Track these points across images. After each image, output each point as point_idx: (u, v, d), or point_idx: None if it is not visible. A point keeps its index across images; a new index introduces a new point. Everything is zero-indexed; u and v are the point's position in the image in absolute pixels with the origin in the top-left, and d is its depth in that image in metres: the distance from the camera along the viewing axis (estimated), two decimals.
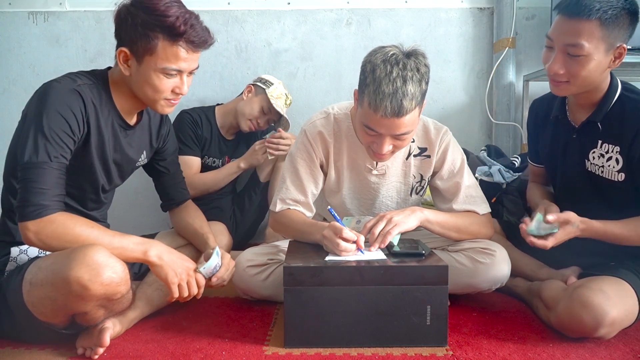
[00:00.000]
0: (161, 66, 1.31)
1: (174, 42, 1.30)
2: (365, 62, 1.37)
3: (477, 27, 2.62)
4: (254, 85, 2.32)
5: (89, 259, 1.15)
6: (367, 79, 1.34)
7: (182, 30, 1.28)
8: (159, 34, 1.28)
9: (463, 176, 1.61)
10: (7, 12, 2.59)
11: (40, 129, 1.23)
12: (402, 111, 1.31)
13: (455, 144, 1.63)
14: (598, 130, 1.47)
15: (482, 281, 1.55)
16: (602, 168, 1.48)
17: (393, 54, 1.33)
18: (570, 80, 1.38)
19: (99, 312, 1.27)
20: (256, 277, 1.60)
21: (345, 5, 2.61)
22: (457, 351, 1.31)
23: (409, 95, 1.30)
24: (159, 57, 1.30)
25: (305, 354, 1.29)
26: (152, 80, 1.32)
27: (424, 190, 1.70)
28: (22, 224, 1.19)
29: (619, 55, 1.37)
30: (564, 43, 1.35)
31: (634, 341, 1.37)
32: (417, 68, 1.33)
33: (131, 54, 1.32)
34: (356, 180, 1.65)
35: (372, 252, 1.40)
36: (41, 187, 1.20)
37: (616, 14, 1.30)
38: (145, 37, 1.28)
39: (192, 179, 2.20)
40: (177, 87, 1.36)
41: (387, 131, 1.37)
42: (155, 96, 1.36)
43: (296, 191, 1.60)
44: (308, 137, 1.60)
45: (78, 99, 1.29)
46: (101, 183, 1.46)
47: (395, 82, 1.30)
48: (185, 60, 1.33)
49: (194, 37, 1.31)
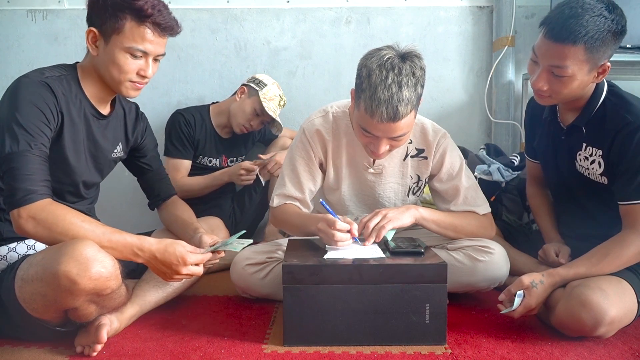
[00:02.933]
0: (127, 45, 1.35)
1: (141, 22, 1.35)
2: (361, 65, 1.38)
3: (477, 25, 2.62)
4: (247, 87, 2.30)
5: (78, 253, 1.15)
6: (363, 84, 1.35)
7: (150, 12, 1.34)
8: (127, 14, 1.33)
9: (462, 178, 1.61)
10: (6, 10, 2.59)
11: (16, 121, 1.24)
12: (397, 116, 1.33)
13: (453, 146, 1.64)
14: (583, 134, 1.48)
15: (481, 279, 1.55)
16: (588, 170, 1.49)
17: (388, 58, 1.34)
18: (552, 95, 1.41)
19: (90, 308, 1.26)
20: (255, 275, 1.60)
21: (345, 3, 2.61)
22: (455, 350, 1.31)
23: (405, 101, 1.31)
24: (126, 36, 1.34)
25: (304, 353, 1.29)
26: (118, 59, 1.36)
27: (421, 191, 1.70)
28: (13, 211, 1.19)
29: (603, 72, 1.37)
30: (549, 64, 1.36)
31: (632, 340, 1.37)
32: (412, 72, 1.33)
33: (100, 34, 1.36)
34: (354, 177, 1.66)
35: (369, 248, 1.41)
36: (27, 174, 1.21)
37: (602, 38, 1.29)
38: (114, 17, 1.33)
39: (176, 183, 2.20)
40: (142, 69, 1.39)
41: (383, 134, 1.38)
42: (120, 77, 1.38)
43: (293, 188, 1.62)
44: (306, 136, 1.61)
45: (48, 90, 1.32)
46: (77, 175, 1.45)
47: (391, 88, 1.31)
48: (151, 43, 1.37)
49: (160, 20, 1.36)
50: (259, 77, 2.32)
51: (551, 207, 1.75)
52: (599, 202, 1.52)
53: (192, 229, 1.59)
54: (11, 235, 1.37)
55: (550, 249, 1.59)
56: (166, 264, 1.29)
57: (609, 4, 1.31)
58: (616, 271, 1.35)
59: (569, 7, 1.31)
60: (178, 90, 2.64)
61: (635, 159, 1.35)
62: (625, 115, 1.37)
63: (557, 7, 1.35)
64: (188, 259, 1.30)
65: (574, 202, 1.61)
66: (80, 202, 1.52)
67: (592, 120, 1.45)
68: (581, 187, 1.54)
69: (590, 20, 1.28)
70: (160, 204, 1.71)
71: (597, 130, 1.44)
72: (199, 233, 1.54)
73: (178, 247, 1.30)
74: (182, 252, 1.30)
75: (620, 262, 1.35)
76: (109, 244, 1.23)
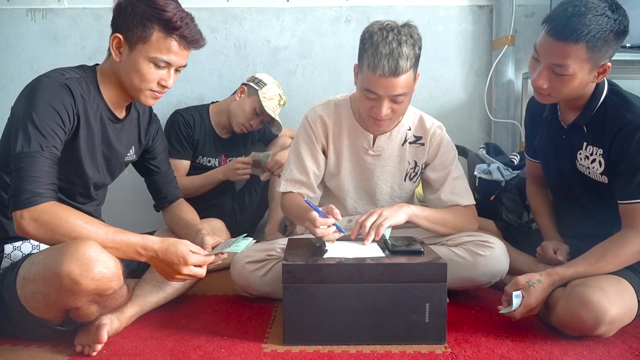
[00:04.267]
0: (152, 55, 1.35)
1: (168, 34, 1.34)
2: (364, 32, 1.49)
3: (476, 24, 2.62)
4: (247, 86, 2.30)
5: (80, 253, 1.15)
6: (365, 45, 1.46)
7: (178, 25, 1.34)
8: (155, 25, 1.33)
9: (452, 169, 1.69)
10: (6, 9, 2.58)
11: (31, 120, 1.24)
12: (398, 70, 1.42)
13: (448, 139, 1.72)
14: (583, 133, 1.48)
15: (482, 274, 1.57)
16: (588, 169, 1.49)
17: (388, 24, 1.47)
18: (552, 94, 1.41)
19: (91, 308, 1.27)
20: (255, 274, 1.61)
21: (345, 2, 2.61)
22: (455, 349, 1.31)
23: (404, 56, 1.42)
24: (152, 46, 1.34)
25: (304, 352, 1.29)
26: (141, 67, 1.35)
27: (417, 177, 1.75)
28: (16, 212, 1.19)
29: (603, 72, 1.37)
30: (550, 62, 1.35)
31: (632, 339, 1.37)
32: (410, 34, 1.46)
33: (125, 41, 1.35)
34: (354, 161, 1.71)
35: (368, 247, 1.42)
36: (34, 175, 1.20)
37: (604, 37, 1.29)
38: (141, 25, 1.33)
39: None
40: (164, 79, 1.39)
41: (385, 92, 1.46)
42: (141, 85, 1.38)
43: (298, 172, 1.69)
44: (309, 121, 1.70)
45: (67, 92, 1.31)
46: (90, 177, 1.45)
47: (391, 44, 1.42)
48: (175, 54, 1.37)
49: (187, 33, 1.37)
50: (258, 77, 2.32)
51: (551, 207, 1.75)
52: (599, 202, 1.52)
53: (195, 230, 1.58)
54: (16, 234, 1.36)
55: (548, 246, 1.59)
56: (168, 263, 1.28)
57: (612, 3, 1.31)
58: (615, 270, 1.35)
59: (572, 5, 1.31)
60: (178, 89, 2.63)
61: (635, 159, 1.35)
62: (626, 114, 1.37)
63: (561, 5, 1.34)
64: (189, 259, 1.29)
65: (574, 202, 1.60)
66: (90, 203, 1.53)
67: (592, 119, 1.45)
68: (581, 187, 1.54)
69: (593, 19, 1.28)
70: (167, 206, 1.71)
71: (598, 129, 1.44)
72: (201, 234, 1.54)
73: (180, 247, 1.29)
74: (183, 251, 1.29)
75: (619, 261, 1.35)
76: (112, 244, 1.23)
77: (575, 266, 1.38)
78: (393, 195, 1.75)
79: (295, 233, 2.03)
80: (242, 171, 2.16)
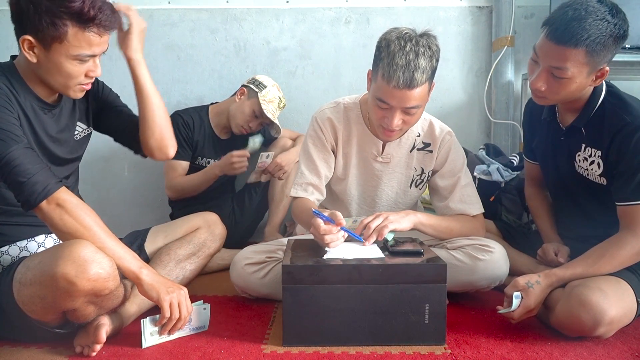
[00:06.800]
0: (75, 53, 1.26)
1: (85, 28, 1.24)
2: (381, 39, 1.45)
3: (476, 25, 2.62)
4: (247, 88, 2.29)
5: (75, 255, 1.15)
6: (381, 54, 1.42)
7: (92, 14, 1.23)
8: (67, 21, 1.22)
9: (461, 176, 1.66)
10: (5, 9, 2.56)
11: None
12: (413, 83, 1.38)
13: (458, 145, 1.69)
14: (582, 134, 1.48)
15: (481, 278, 1.56)
16: (587, 171, 1.49)
17: (406, 33, 1.42)
18: (549, 96, 1.41)
19: (89, 309, 1.26)
20: (254, 275, 1.60)
21: (344, 3, 2.61)
22: (455, 350, 1.31)
23: (421, 69, 1.38)
24: (71, 44, 1.24)
25: (303, 353, 1.29)
26: (64, 67, 1.27)
27: (423, 184, 1.73)
28: (42, 204, 1.19)
29: (601, 75, 1.38)
30: (549, 64, 1.36)
31: (632, 340, 1.37)
32: (428, 46, 1.41)
33: (36, 42, 1.25)
34: (362, 167, 1.69)
35: (369, 248, 1.41)
36: (30, 166, 1.20)
37: (603, 42, 1.29)
38: (52, 25, 1.22)
39: (172, 182, 2.20)
40: (91, 70, 1.32)
41: (398, 103, 1.42)
42: (68, 82, 1.31)
43: (310, 174, 1.66)
44: (318, 123, 1.68)
45: (4, 94, 1.27)
46: (47, 158, 1.39)
47: (408, 55, 1.38)
48: (98, 45, 1.29)
49: (104, 20, 1.26)
50: (259, 79, 2.32)
51: (550, 208, 1.75)
52: (598, 203, 1.52)
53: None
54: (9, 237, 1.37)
55: (549, 249, 1.59)
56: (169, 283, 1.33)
57: (613, 7, 1.31)
58: (613, 271, 1.35)
59: (572, 9, 1.31)
60: (177, 90, 2.63)
61: (633, 160, 1.35)
62: (624, 116, 1.37)
63: (561, 8, 1.34)
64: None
65: (573, 203, 1.61)
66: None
67: (591, 121, 1.45)
68: (580, 188, 1.55)
69: (593, 23, 1.28)
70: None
71: (596, 131, 1.44)
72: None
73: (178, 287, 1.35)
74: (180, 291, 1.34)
75: (617, 262, 1.35)
76: (119, 254, 1.26)
77: (573, 267, 1.38)
78: (397, 201, 1.74)
79: (295, 234, 2.03)
80: (239, 164, 2.13)
